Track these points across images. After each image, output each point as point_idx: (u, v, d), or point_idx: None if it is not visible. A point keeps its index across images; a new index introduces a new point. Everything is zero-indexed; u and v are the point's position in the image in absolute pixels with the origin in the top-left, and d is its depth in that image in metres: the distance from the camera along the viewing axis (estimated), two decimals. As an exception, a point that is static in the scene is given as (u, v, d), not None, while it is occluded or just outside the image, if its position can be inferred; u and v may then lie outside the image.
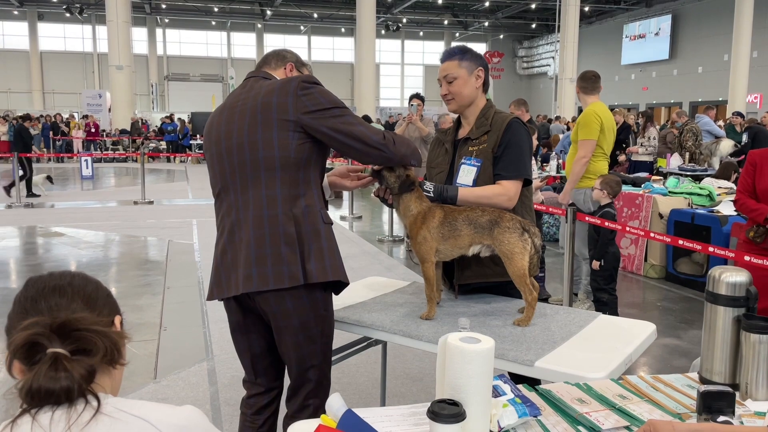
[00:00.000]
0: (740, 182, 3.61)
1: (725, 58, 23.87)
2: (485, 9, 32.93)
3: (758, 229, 3.43)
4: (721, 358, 1.65)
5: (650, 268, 6.35)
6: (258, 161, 2.02)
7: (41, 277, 1.18)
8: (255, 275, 2.02)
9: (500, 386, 1.53)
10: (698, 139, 9.82)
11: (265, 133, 2.01)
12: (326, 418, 1.38)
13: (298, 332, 2.08)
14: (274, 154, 2.01)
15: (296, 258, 2.00)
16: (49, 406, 1.02)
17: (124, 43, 22.10)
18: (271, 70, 2.25)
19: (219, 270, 2.19)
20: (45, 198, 12.16)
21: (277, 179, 2.02)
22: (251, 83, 2.17)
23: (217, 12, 34.75)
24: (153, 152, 20.70)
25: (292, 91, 2.02)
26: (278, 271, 2.00)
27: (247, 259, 2.04)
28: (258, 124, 2.01)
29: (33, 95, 35.04)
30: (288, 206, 2.02)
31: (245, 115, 2.05)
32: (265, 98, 2.03)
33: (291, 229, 2.01)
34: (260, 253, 2.01)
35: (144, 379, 3.76)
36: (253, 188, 2.05)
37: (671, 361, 4.20)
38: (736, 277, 1.62)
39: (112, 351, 1.09)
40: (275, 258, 2.00)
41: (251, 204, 2.05)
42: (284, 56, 2.29)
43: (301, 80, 2.04)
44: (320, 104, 2.03)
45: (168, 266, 6.64)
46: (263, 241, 2.01)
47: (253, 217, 2.04)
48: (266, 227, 2.02)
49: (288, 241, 2.01)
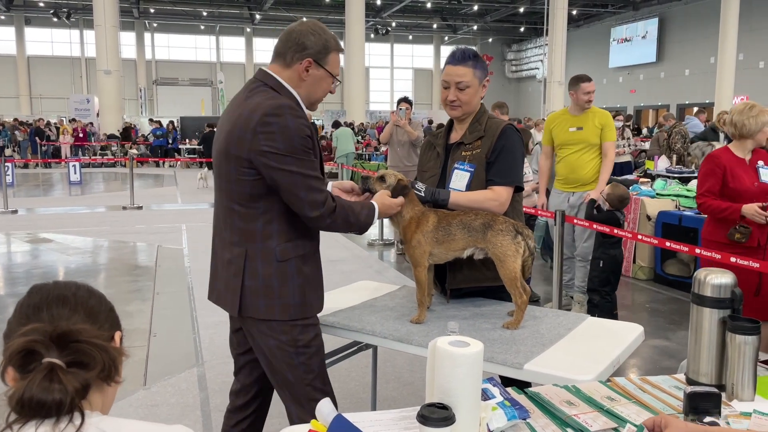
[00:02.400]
0: (705, 185, 3.60)
1: (711, 60, 24.10)
2: (474, 13, 33.06)
3: (743, 229, 3.46)
4: (708, 360, 1.67)
5: (639, 270, 6.39)
6: (224, 191, 2.08)
7: (45, 285, 1.16)
8: (215, 291, 2.19)
9: (489, 389, 1.54)
10: (686, 141, 9.89)
11: (229, 166, 2.01)
12: (316, 423, 1.38)
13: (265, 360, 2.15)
14: (234, 188, 2.02)
15: (237, 288, 2.06)
16: (35, 421, 1.00)
17: (112, 48, 22.00)
18: (281, 69, 2.07)
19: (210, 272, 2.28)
20: (33, 203, 12.07)
21: (236, 212, 2.04)
22: (247, 89, 2.09)
23: (205, 16, 34.68)
24: (141, 157, 20.63)
25: (253, 125, 1.94)
26: (224, 296, 2.12)
27: (220, 276, 2.16)
28: (225, 156, 2.02)
29: (20, 100, 34.82)
30: (244, 239, 2.05)
31: (221, 136, 2.07)
32: (231, 126, 2.00)
33: (241, 261, 2.04)
34: (221, 273, 2.14)
35: (134, 386, 3.74)
36: (222, 215, 2.12)
37: (660, 362, 4.23)
38: (721, 279, 1.64)
39: (109, 367, 1.07)
40: (226, 282, 2.11)
41: (221, 226, 2.14)
42: (304, 46, 2.05)
43: (264, 113, 1.93)
44: (274, 147, 1.93)
45: (157, 272, 6.61)
46: (223, 264, 2.12)
47: (225, 240, 2.11)
48: (226, 253, 2.11)
49: (236, 271, 2.05)
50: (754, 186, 3.53)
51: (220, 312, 5.56)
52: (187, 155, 21.35)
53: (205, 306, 5.32)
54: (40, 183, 16.41)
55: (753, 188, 3.53)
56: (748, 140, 3.58)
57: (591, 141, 4.94)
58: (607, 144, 4.97)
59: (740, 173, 3.56)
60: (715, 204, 3.55)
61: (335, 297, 2.78)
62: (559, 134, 5.07)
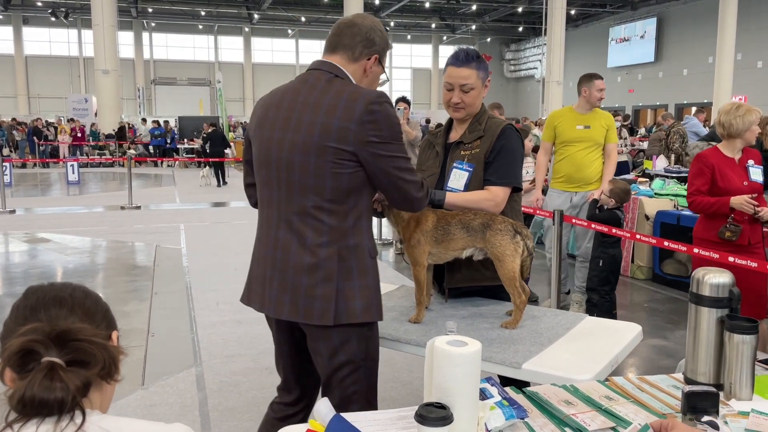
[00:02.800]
0: (695, 185, 3.63)
1: (710, 60, 24.13)
2: (472, 12, 33.07)
3: (733, 227, 3.49)
4: (706, 359, 1.67)
5: (637, 270, 6.40)
6: (307, 187, 1.88)
7: (42, 287, 1.17)
8: (287, 302, 1.91)
9: (487, 389, 1.54)
10: (685, 141, 9.91)
11: (319, 160, 1.85)
12: (314, 423, 1.38)
13: (331, 367, 1.97)
14: (326, 183, 1.86)
15: (331, 295, 1.87)
16: (36, 419, 1.00)
17: (110, 47, 21.98)
18: (346, 63, 1.98)
19: (252, 279, 2.06)
20: (31, 203, 12.06)
21: (325, 210, 1.88)
22: (317, 80, 1.95)
23: (204, 16, 34.65)
24: (140, 157, 20.62)
25: (357, 116, 1.83)
26: (309, 306, 1.88)
27: (282, 283, 1.92)
28: (313, 148, 1.85)
29: (18, 100, 34.78)
30: (336, 239, 1.89)
31: (301, 128, 1.88)
32: (326, 118, 1.84)
33: (333, 264, 1.88)
34: (297, 282, 1.89)
35: (132, 386, 3.73)
36: (299, 213, 1.90)
37: (658, 361, 4.23)
38: (719, 278, 1.64)
39: (109, 365, 1.07)
40: (309, 290, 1.88)
41: (294, 228, 1.91)
42: (373, 42, 1.99)
43: (369, 102, 1.85)
44: (381, 136, 1.86)
45: (155, 272, 6.61)
46: (301, 270, 1.88)
47: (297, 242, 1.90)
48: (307, 257, 1.88)
49: (327, 275, 1.87)
50: (743, 185, 3.56)
51: (218, 312, 5.58)
52: (186, 155, 21.34)
53: (203, 306, 5.32)
54: (38, 183, 16.39)
55: (743, 187, 3.55)
56: (737, 140, 3.60)
57: (597, 140, 4.95)
58: (611, 146, 5.00)
59: (729, 172, 3.58)
60: (704, 200, 3.58)
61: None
62: (565, 131, 5.00)
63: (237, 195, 13.75)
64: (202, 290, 5.82)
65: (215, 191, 14.29)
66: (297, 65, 39.41)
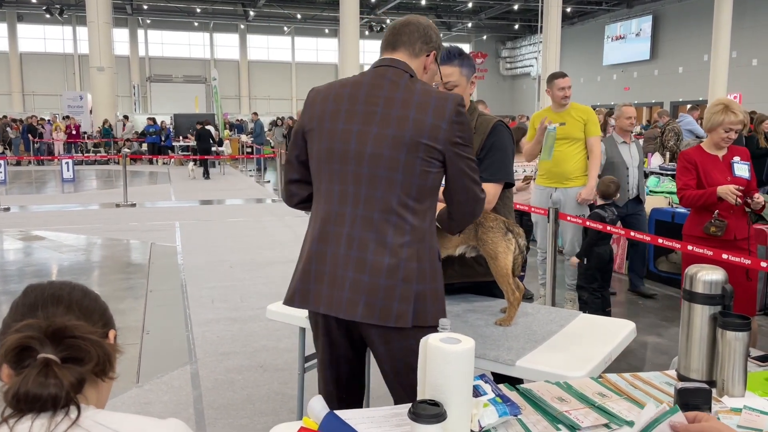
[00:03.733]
0: (683, 180, 3.71)
1: (705, 58, 24.16)
2: (468, 10, 33.05)
3: (718, 222, 3.53)
4: (698, 356, 1.68)
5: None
6: (395, 183, 1.81)
7: (41, 285, 1.18)
8: (362, 303, 1.80)
9: (481, 386, 1.54)
10: (679, 138, 9.93)
11: (409, 156, 1.80)
12: (308, 420, 1.38)
13: (402, 372, 1.89)
14: (414, 181, 1.82)
15: (410, 296, 1.80)
16: (31, 414, 1.01)
17: (105, 45, 21.88)
18: (409, 59, 1.95)
19: (311, 278, 1.89)
20: (25, 201, 12.02)
21: (409, 208, 1.82)
22: (397, 76, 1.90)
23: (199, 13, 34.54)
24: (135, 154, 20.56)
25: (448, 115, 1.82)
26: (387, 307, 1.79)
27: (356, 283, 1.81)
28: (404, 143, 1.80)
29: (13, 97, 34.61)
30: (417, 239, 1.84)
31: (389, 123, 1.82)
32: (418, 114, 1.81)
33: (413, 264, 1.81)
34: (374, 282, 1.80)
35: (126, 384, 3.73)
36: (382, 210, 1.82)
37: (652, 358, 4.25)
38: (712, 275, 1.65)
39: (104, 362, 1.09)
40: (388, 291, 1.79)
41: (375, 225, 1.82)
42: (430, 38, 1.98)
43: (457, 103, 1.84)
44: (465, 138, 1.86)
45: (150, 269, 6.59)
46: (379, 270, 1.80)
47: (375, 241, 1.81)
48: (387, 257, 1.80)
49: (407, 276, 1.80)
50: (727, 181, 3.59)
51: (213, 309, 5.57)
52: (181, 152, 21.28)
53: (198, 303, 5.32)
54: (32, 180, 16.34)
55: (726, 183, 3.60)
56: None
57: (574, 135, 4.96)
58: (592, 139, 4.97)
59: (711, 170, 3.63)
60: (693, 193, 3.63)
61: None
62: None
63: (232, 193, 13.73)
64: (197, 288, 5.81)
65: (211, 189, 14.26)
66: (293, 62, 39.34)
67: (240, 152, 20.93)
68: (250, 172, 18.70)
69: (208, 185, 15.02)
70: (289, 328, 4.54)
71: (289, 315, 2.57)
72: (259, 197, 12.93)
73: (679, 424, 1.22)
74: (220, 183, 15.65)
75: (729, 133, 3.58)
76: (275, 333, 4.56)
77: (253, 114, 20.46)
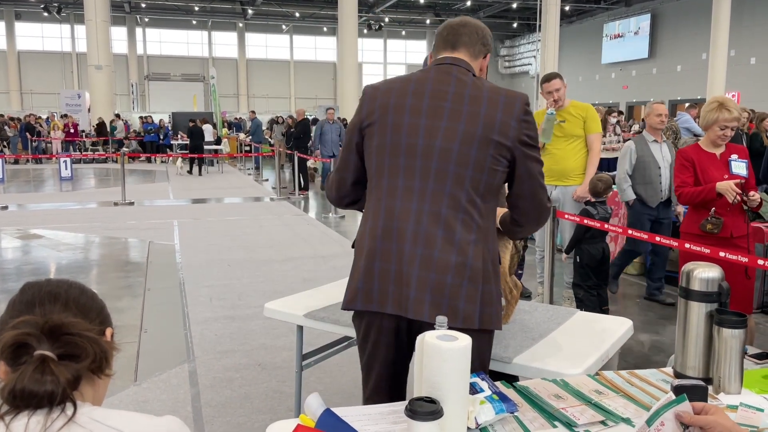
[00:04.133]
0: (681, 177, 3.74)
1: (703, 56, 24.19)
2: (467, 8, 33.05)
3: (714, 220, 3.55)
4: (695, 353, 1.68)
5: (629, 265, 6.41)
6: (464, 179, 1.78)
7: (38, 283, 1.19)
8: (427, 302, 1.74)
9: (478, 383, 1.54)
10: (678, 137, 9.94)
11: (480, 152, 1.77)
12: (305, 417, 1.38)
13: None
14: (482, 177, 1.79)
15: (476, 297, 1.76)
16: (27, 411, 1.01)
17: (104, 43, 21.87)
18: (471, 58, 1.93)
19: (371, 275, 1.82)
20: (23, 199, 12.01)
21: (478, 205, 1.80)
22: (462, 74, 1.87)
23: (197, 11, 34.51)
24: (133, 153, 20.53)
25: (517, 113, 1.81)
26: (454, 307, 1.74)
27: (422, 281, 1.75)
28: (475, 139, 1.77)
29: (11, 95, 34.58)
30: (482, 238, 1.80)
31: (459, 118, 1.79)
32: (489, 110, 1.79)
33: (479, 264, 1.77)
34: (441, 280, 1.74)
35: (124, 382, 3.73)
36: (451, 206, 1.78)
37: (650, 356, 4.25)
38: (708, 273, 1.65)
39: (100, 359, 1.09)
40: (454, 290, 1.75)
41: (442, 222, 1.77)
42: (486, 40, 1.97)
43: (524, 102, 1.84)
44: (533, 139, 1.84)
45: (149, 268, 6.59)
46: (447, 268, 1.75)
47: (443, 238, 1.76)
48: (454, 254, 1.75)
49: (473, 276, 1.76)
50: (723, 179, 3.61)
51: (211, 308, 5.57)
52: (180, 150, 21.27)
53: (196, 302, 5.32)
54: (30, 179, 16.32)
55: (723, 180, 3.59)
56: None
57: (574, 132, 4.94)
58: (592, 136, 4.96)
59: (708, 167, 3.64)
60: (692, 190, 3.65)
61: (326, 292, 2.79)
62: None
63: (230, 191, 13.73)
64: (195, 286, 5.81)
65: (209, 188, 14.25)
66: (291, 61, 39.32)
67: (238, 151, 20.92)
68: (248, 170, 18.69)
69: (206, 183, 15.02)
70: (286, 326, 4.54)
71: (288, 313, 2.57)
72: (258, 196, 12.92)
73: (685, 414, 1.22)
74: (219, 181, 15.64)
75: (725, 131, 3.59)
76: (273, 331, 4.56)
77: (251, 112, 20.42)
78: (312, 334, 3.58)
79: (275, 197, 12.53)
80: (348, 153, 1.94)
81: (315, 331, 3.20)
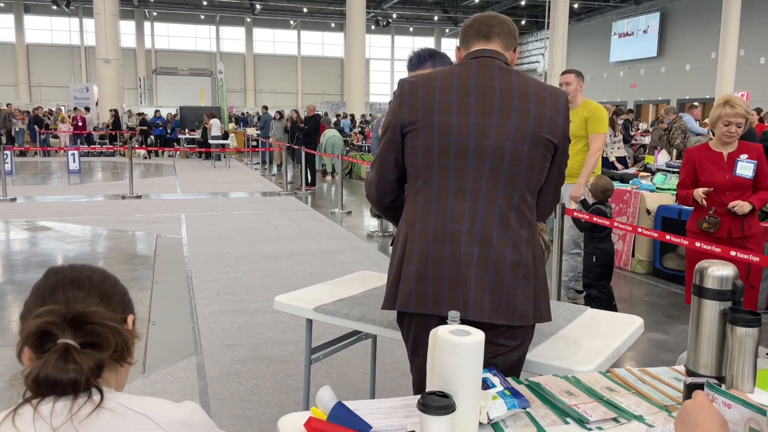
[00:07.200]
0: (681, 179, 3.82)
1: (713, 56, 24.06)
2: (475, 5, 32.96)
3: (711, 219, 3.63)
4: (708, 351, 1.67)
5: (637, 264, 6.40)
6: (517, 177, 1.76)
7: (62, 268, 1.20)
8: (488, 302, 1.73)
9: (490, 378, 1.54)
10: (686, 136, 9.90)
11: (532, 149, 1.76)
12: (316, 410, 1.38)
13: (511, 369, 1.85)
14: (534, 175, 1.79)
15: (530, 293, 1.76)
16: (52, 396, 1.03)
17: (112, 37, 21.92)
18: (504, 50, 1.90)
19: (424, 280, 1.77)
20: (31, 192, 12.06)
21: (529, 202, 1.80)
22: (497, 66, 1.83)
23: (206, 6, 34.55)
24: (140, 146, 20.58)
25: (562, 110, 1.81)
26: (511, 305, 1.74)
27: (481, 281, 1.73)
28: (527, 136, 1.75)
29: (19, 88, 34.73)
30: (532, 234, 1.80)
31: (510, 115, 1.75)
32: (538, 107, 1.77)
33: (530, 260, 1.77)
34: (499, 280, 1.73)
35: (132, 374, 3.74)
36: (505, 206, 1.76)
37: (658, 355, 4.24)
38: (723, 271, 1.64)
39: (122, 348, 1.10)
40: (511, 289, 1.74)
41: (497, 221, 1.75)
42: (515, 34, 1.94)
43: (566, 98, 1.84)
44: (568, 136, 1.85)
45: (156, 261, 6.61)
46: (503, 267, 1.73)
47: (498, 237, 1.74)
48: (509, 253, 1.74)
49: (527, 273, 1.76)
50: (725, 179, 3.60)
51: (218, 301, 5.58)
52: (187, 145, 21.31)
53: (203, 295, 5.33)
54: (38, 171, 16.38)
55: (724, 181, 3.63)
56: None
57: (575, 133, 4.92)
58: (592, 136, 4.96)
59: (710, 167, 3.65)
60: (682, 192, 3.79)
61: (335, 287, 2.79)
62: None
63: (238, 186, 13.75)
64: (202, 279, 5.83)
65: (216, 182, 14.28)
66: (299, 56, 39.32)
67: (245, 145, 20.95)
68: (255, 165, 18.71)
69: (213, 178, 15.05)
70: (294, 320, 4.55)
71: (298, 307, 2.57)
72: (265, 190, 12.94)
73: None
74: (226, 176, 15.66)
75: (729, 127, 3.58)
76: (280, 325, 4.57)
77: (263, 107, 20.39)
78: (318, 329, 3.59)
79: (282, 192, 12.55)
80: (388, 152, 1.87)
81: (321, 326, 3.21)
